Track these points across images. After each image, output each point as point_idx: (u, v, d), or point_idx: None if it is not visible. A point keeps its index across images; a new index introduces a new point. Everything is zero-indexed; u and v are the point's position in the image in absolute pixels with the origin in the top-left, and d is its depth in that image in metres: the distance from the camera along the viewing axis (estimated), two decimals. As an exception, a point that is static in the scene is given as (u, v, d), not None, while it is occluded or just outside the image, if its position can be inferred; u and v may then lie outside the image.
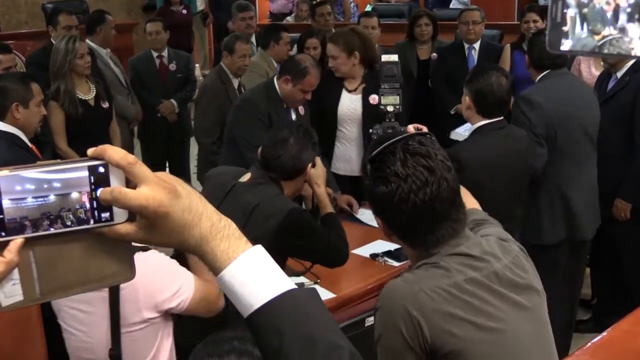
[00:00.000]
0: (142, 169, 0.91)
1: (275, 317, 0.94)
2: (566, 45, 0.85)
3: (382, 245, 3.51)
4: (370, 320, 2.91)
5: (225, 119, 4.63)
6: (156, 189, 0.90)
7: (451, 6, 9.55)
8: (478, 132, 3.30)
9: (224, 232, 0.96)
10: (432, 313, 1.62)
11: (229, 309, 2.73)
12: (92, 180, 0.90)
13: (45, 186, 0.88)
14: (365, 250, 3.56)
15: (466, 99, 3.28)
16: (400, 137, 1.70)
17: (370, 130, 3.35)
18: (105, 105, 4.62)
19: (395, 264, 3.40)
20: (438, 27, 5.80)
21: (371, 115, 4.10)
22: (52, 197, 0.88)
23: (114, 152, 0.90)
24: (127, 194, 0.89)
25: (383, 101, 3.46)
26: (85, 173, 0.90)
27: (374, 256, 3.48)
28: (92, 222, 0.90)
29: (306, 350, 0.94)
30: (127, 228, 0.92)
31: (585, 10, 0.84)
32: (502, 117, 3.29)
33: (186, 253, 1.87)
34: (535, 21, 5.33)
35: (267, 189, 2.76)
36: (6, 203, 0.86)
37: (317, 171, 2.87)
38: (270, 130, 3.19)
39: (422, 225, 1.70)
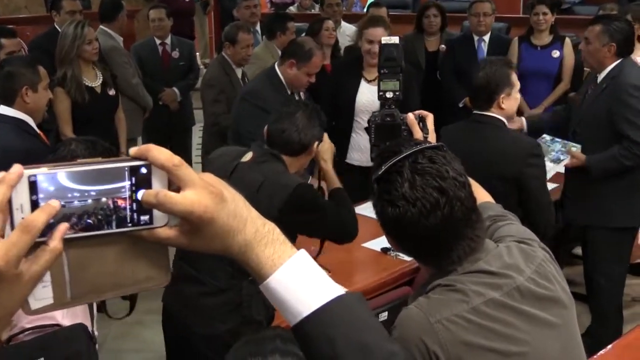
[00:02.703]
0: (187, 172, 0.86)
1: (325, 324, 0.91)
2: None
3: (393, 239, 3.47)
4: (383, 316, 2.86)
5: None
6: (202, 193, 0.86)
7: (456, -2, 9.49)
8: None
9: (268, 237, 0.92)
10: (450, 345, 1.51)
11: (243, 292, 2.68)
12: (134, 182, 0.85)
13: (86, 186, 0.83)
14: (375, 244, 3.51)
15: None
16: (408, 152, 1.55)
17: (369, 118, 3.26)
18: (112, 92, 4.56)
19: (407, 258, 3.35)
20: (447, 18, 5.75)
21: None
22: (92, 198, 0.83)
23: (159, 153, 0.85)
24: (172, 198, 0.84)
25: (382, 87, 3.36)
26: (127, 174, 0.85)
27: (385, 250, 3.44)
28: (130, 224, 0.86)
29: (362, 358, 0.91)
30: (167, 232, 0.88)
31: None
32: (489, 113, 3.18)
33: None
34: (545, 13, 5.25)
35: (272, 166, 2.71)
36: (45, 202, 0.81)
37: (324, 146, 2.84)
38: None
39: (435, 247, 1.59)
